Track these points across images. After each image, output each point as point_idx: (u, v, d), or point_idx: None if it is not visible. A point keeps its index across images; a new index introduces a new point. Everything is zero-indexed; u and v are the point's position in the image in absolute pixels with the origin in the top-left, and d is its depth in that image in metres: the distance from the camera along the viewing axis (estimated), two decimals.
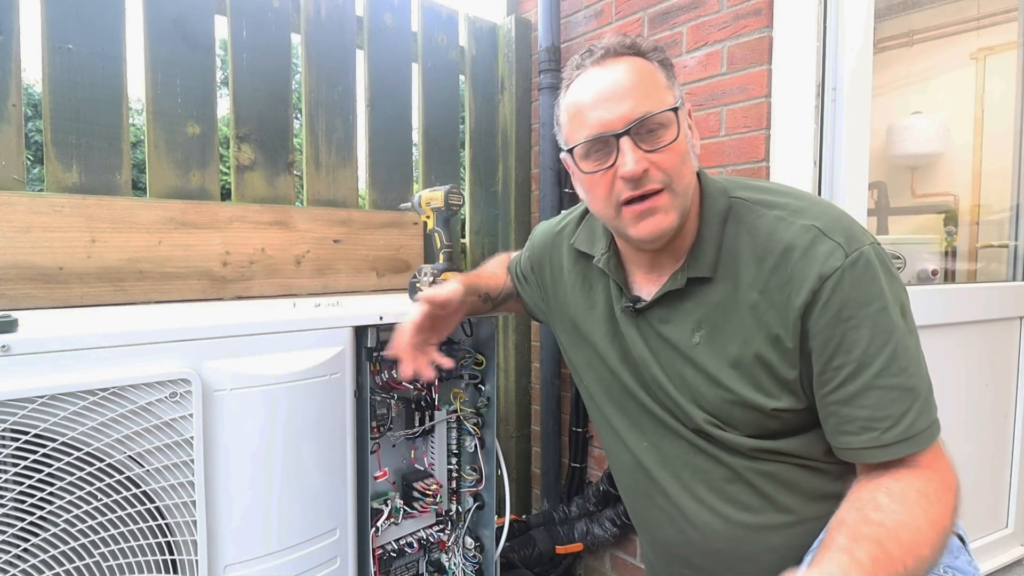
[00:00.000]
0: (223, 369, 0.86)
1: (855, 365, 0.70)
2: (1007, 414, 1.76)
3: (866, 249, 0.71)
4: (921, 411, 0.69)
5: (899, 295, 0.72)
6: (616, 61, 0.77)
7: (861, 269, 0.70)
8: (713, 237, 0.79)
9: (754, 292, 0.75)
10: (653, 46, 0.79)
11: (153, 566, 0.80)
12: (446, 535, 1.25)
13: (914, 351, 0.71)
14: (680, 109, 0.76)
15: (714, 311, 0.78)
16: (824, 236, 0.72)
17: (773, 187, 0.82)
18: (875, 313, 0.69)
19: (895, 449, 0.70)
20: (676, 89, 0.79)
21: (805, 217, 0.75)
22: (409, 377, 0.92)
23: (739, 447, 0.78)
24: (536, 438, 2.00)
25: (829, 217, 0.74)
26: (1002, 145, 2.03)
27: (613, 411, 0.92)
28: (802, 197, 0.79)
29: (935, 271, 1.87)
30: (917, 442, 0.69)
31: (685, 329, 0.80)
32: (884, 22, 2.23)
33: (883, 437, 0.70)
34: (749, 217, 0.78)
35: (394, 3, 1.66)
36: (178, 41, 1.30)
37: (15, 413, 0.70)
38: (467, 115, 1.87)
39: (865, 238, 0.73)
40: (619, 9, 1.67)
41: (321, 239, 1.51)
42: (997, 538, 1.74)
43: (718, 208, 0.80)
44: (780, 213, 0.76)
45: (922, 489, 0.67)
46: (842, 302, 0.70)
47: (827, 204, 0.78)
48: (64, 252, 1.16)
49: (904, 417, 0.69)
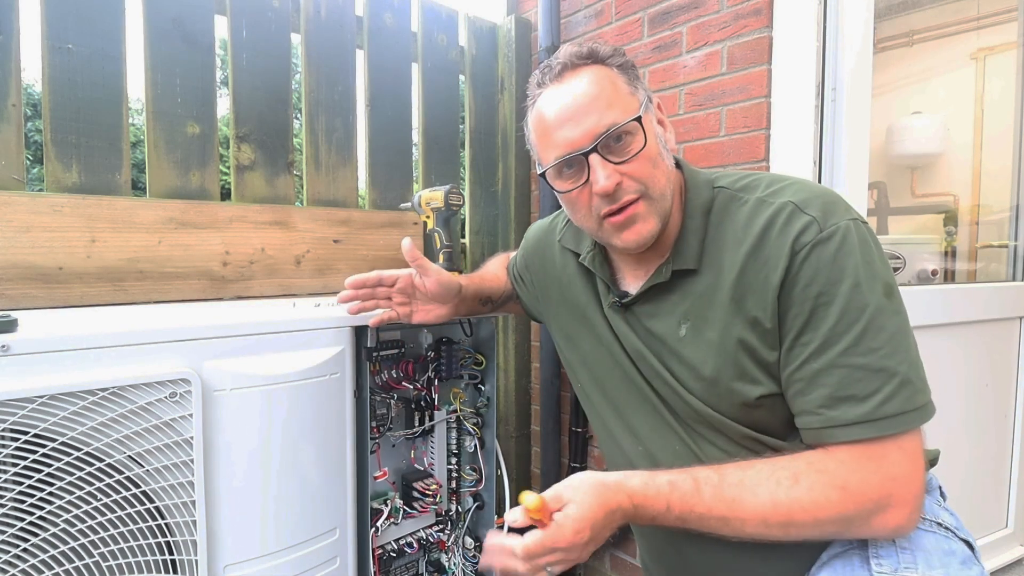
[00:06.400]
0: (223, 369, 0.86)
1: (820, 342, 0.67)
2: (1007, 414, 1.76)
3: (844, 224, 0.69)
4: (894, 394, 0.64)
5: (880, 273, 0.68)
6: (575, 74, 0.76)
7: (836, 244, 0.68)
8: (697, 229, 0.78)
9: (734, 278, 0.73)
10: (611, 50, 0.77)
11: (153, 566, 0.80)
12: (446, 535, 1.25)
13: (894, 331, 0.66)
14: (647, 111, 0.76)
15: (698, 302, 0.77)
16: (800, 211, 0.70)
17: (758, 174, 0.81)
18: (848, 290, 0.66)
19: (856, 430, 0.65)
20: (640, 91, 0.78)
21: (784, 195, 0.73)
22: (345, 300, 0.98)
23: (728, 449, 0.77)
24: (536, 438, 2.00)
25: (809, 193, 0.72)
26: (1002, 145, 2.03)
27: (608, 411, 0.92)
28: (785, 179, 0.77)
29: (935, 271, 1.87)
30: (884, 426, 0.64)
31: (672, 322, 0.80)
32: (884, 22, 2.23)
33: (843, 415, 0.66)
34: (732, 205, 0.77)
35: (394, 3, 1.66)
36: (178, 41, 1.30)
37: (15, 413, 0.69)
38: (467, 115, 1.87)
39: (846, 213, 0.70)
40: (619, 9, 1.67)
41: (321, 239, 1.51)
42: (997, 538, 1.74)
43: (701, 200, 0.79)
44: (761, 195, 0.75)
45: (839, 472, 0.64)
46: (811, 276, 0.68)
47: (812, 183, 0.76)
48: (64, 252, 1.16)
49: (871, 398, 0.65)
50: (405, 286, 0.99)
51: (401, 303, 1.01)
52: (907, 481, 0.65)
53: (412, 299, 1.02)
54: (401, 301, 1.01)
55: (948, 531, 0.73)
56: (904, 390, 0.65)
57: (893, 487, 0.65)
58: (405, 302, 1.01)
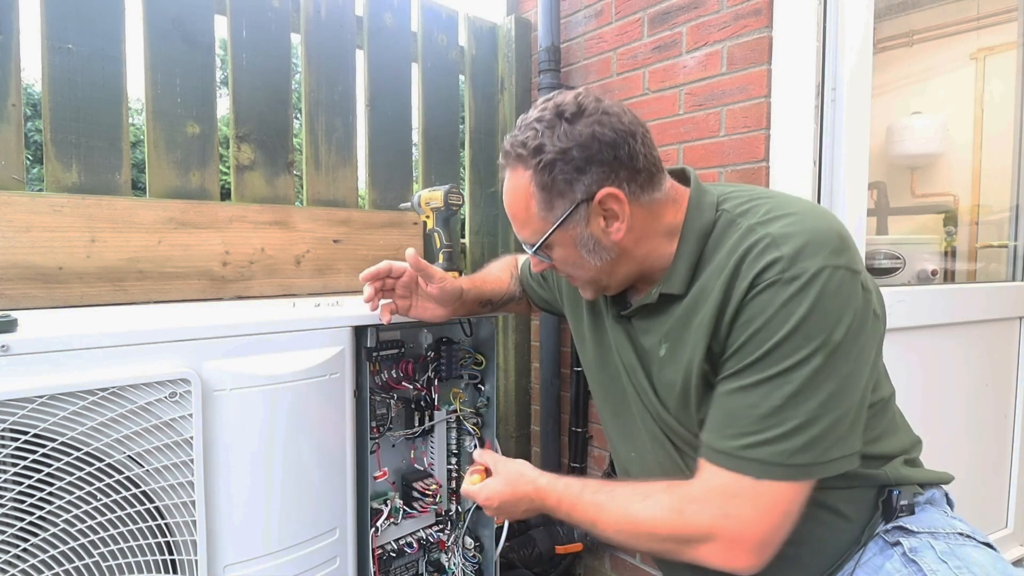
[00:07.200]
0: (223, 369, 0.86)
1: (735, 370, 0.69)
2: (1007, 414, 1.76)
3: (815, 270, 0.65)
4: (768, 443, 0.65)
5: (830, 328, 0.65)
6: (508, 173, 0.80)
7: (794, 289, 0.65)
8: (689, 254, 0.77)
9: (708, 304, 0.73)
10: (536, 146, 0.74)
11: (153, 566, 0.80)
12: (446, 535, 1.25)
13: (807, 387, 0.65)
14: (569, 223, 0.75)
15: (677, 324, 0.78)
16: (774, 246, 0.68)
17: (766, 197, 0.77)
18: (781, 337, 0.65)
19: (717, 457, 0.68)
20: (561, 202, 0.74)
21: (772, 226, 0.70)
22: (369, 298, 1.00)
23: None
24: (536, 438, 2.00)
25: (799, 227, 0.68)
26: (1002, 145, 2.03)
27: (608, 414, 0.96)
28: (788, 206, 0.73)
29: (935, 271, 1.87)
30: (742, 466, 0.66)
31: (655, 341, 0.82)
32: (884, 22, 2.23)
33: (714, 441, 0.69)
34: (729, 231, 0.75)
35: (394, 3, 1.66)
36: (178, 41, 1.30)
37: (15, 413, 0.69)
38: (467, 115, 1.87)
39: (827, 258, 0.65)
40: (619, 9, 1.67)
41: (321, 239, 1.51)
42: (997, 538, 1.74)
43: (701, 223, 0.77)
44: (754, 222, 0.72)
45: (679, 494, 0.70)
46: (755, 313, 0.67)
47: (813, 213, 0.72)
48: (64, 252, 1.16)
49: (744, 437, 0.66)
50: (409, 281, 1.01)
51: (402, 296, 1.03)
52: (743, 524, 0.66)
53: (413, 294, 1.04)
54: (402, 295, 1.03)
55: (968, 538, 0.74)
56: (782, 444, 0.65)
57: (724, 524, 0.66)
58: (406, 296, 1.03)
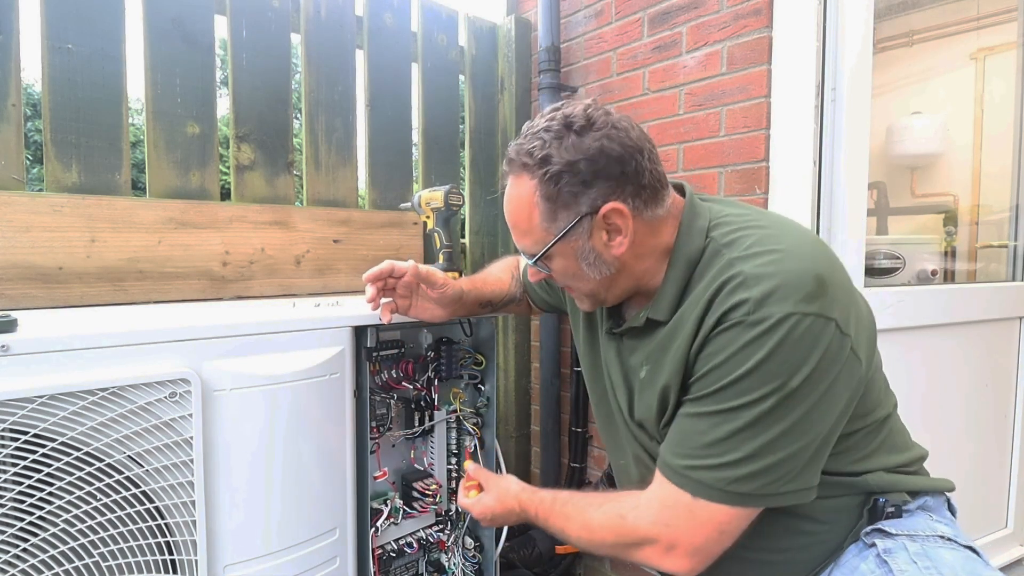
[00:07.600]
0: (223, 369, 0.86)
1: (694, 395, 0.72)
2: (1007, 414, 1.76)
3: (781, 316, 0.64)
4: (711, 469, 0.68)
5: (787, 376, 0.64)
6: (511, 180, 0.79)
7: (755, 333, 0.65)
8: (676, 280, 0.77)
9: (684, 333, 0.73)
10: (543, 156, 0.73)
11: (152, 566, 0.80)
12: (446, 535, 1.25)
13: (764, 435, 0.66)
14: (572, 234, 0.75)
15: (657, 348, 0.79)
16: (745, 286, 0.67)
17: (756, 227, 0.75)
18: (736, 377, 0.66)
19: (665, 470, 0.73)
20: (565, 214, 0.74)
21: (750, 262, 0.69)
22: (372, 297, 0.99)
23: None
24: (536, 438, 2.00)
25: (776, 267, 0.67)
26: (1002, 145, 2.03)
27: (601, 422, 0.98)
28: (774, 240, 0.72)
29: (935, 271, 1.87)
30: (685, 483, 0.70)
31: (638, 362, 0.83)
32: (884, 22, 2.23)
33: (666, 456, 0.73)
34: (714, 260, 0.74)
35: (394, 3, 1.66)
36: (178, 41, 1.30)
37: (15, 413, 0.69)
38: (467, 115, 1.87)
39: (792, 306, 0.64)
40: (619, 9, 1.67)
41: (321, 239, 1.51)
42: (997, 538, 1.74)
43: (690, 249, 0.76)
44: (735, 255, 0.71)
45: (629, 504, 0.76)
46: (716, 350, 0.69)
47: (794, 254, 0.69)
48: (64, 252, 1.16)
49: (689, 459, 0.70)
50: (410, 281, 1.01)
51: (403, 296, 1.03)
52: (678, 532, 0.71)
53: (414, 294, 1.04)
54: (403, 294, 1.03)
55: (948, 541, 0.74)
56: (722, 472, 0.68)
57: (662, 531, 0.72)
58: (406, 295, 1.03)
